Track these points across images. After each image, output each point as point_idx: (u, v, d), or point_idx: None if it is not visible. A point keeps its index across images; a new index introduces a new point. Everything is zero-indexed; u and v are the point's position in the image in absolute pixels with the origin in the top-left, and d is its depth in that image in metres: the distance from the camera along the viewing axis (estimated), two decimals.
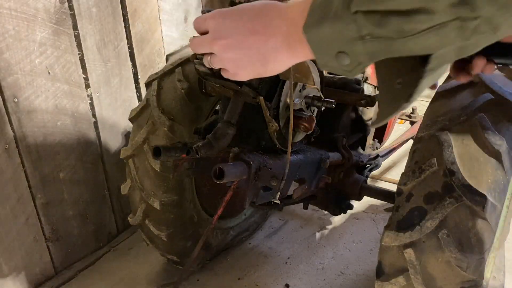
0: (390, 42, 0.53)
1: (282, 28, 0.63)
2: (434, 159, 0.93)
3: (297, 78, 0.97)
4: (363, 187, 1.43)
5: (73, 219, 1.65)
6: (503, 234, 1.34)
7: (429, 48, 0.53)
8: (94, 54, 1.56)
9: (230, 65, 0.71)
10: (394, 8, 0.50)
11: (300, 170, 1.12)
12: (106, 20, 1.57)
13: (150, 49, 1.77)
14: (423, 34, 0.50)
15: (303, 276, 1.60)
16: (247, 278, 1.60)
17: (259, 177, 0.94)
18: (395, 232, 0.94)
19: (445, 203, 0.89)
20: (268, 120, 0.98)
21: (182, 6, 1.86)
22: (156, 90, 1.31)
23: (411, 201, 0.94)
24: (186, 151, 1.03)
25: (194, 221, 1.46)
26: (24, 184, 1.45)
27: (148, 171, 1.31)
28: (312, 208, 1.86)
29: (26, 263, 1.52)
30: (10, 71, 1.32)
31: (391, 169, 2.26)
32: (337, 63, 0.57)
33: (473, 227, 0.89)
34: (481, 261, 0.91)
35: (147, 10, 1.71)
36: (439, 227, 0.89)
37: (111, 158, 1.73)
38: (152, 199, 1.32)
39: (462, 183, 0.88)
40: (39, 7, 1.35)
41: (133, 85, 1.76)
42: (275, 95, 1.04)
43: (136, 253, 1.76)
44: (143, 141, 1.30)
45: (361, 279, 1.58)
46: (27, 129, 1.41)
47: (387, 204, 1.68)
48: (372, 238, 1.78)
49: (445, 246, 0.88)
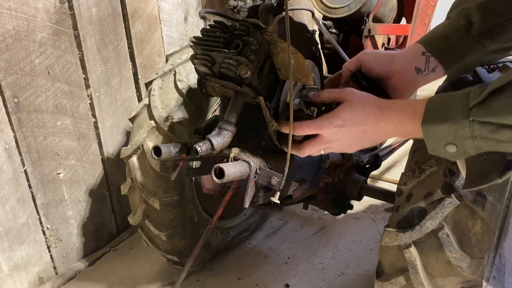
0: (498, 143, 0.68)
1: (389, 126, 0.82)
2: (434, 159, 0.93)
3: (297, 78, 0.96)
4: (363, 187, 1.43)
5: (73, 219, 1.65)
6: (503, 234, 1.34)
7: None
8: (94, 54, 1.56)
9: (340, 148, 0.92)
10: (509, 123, 0.65)
11: (300, 170, 1.12)
12: (106, 20, 1.57)
13: (150, 49, 1.77)
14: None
15: (303, 276, 1.60)
16: (247, 278, 1.60)
17: (259, 177, 0.93)
18: (395, 232, 0.94)
19: (445, 203, 0.89)
20: (268, 120, 0.98)
21: (182, 6, 1.86)
22: (156, 90, 1.31)
23: (411, 201, 0.94)
24: (186, 151, 1.03)
25: (194, 221, 1.46)
26: (24, 184, 1.45)
27: (148, 171, 1.31)
28: (312, 208, 1.86)
29: (26, 263, 1.52)
30: (10, 71, 1.32)
31: (391, 169, 2.26)
32: (444, 150, 0.73)
33: (473, 227, 0.89)
34: (481, 261, 0.91)
35: (147, 10, 1.71)
36: (439, 227, 0.89)
37: (111, 158, 1.73)
38: (152, 199, 1.32)
39: (462, 183, 0.88)
40: (39, 7, 1.35)
41: (133, 85, 1.76)
42: (275, 95, 1.04)
43: (136, 253, 1.76)
44: (143, 141, 1.30)
45: (361, 279, 1.57)
46: (27, 129, 1.41)
47: (387, 204, 1.69)
48: (372, 238, 1.78)
49: (445, 246, 0.88)
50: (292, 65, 0.88)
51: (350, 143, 0.89)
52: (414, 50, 0.95)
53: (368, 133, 0.86)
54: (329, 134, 0.88)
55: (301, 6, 1.31)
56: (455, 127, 0.70)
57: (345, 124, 0.86)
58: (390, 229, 0.95)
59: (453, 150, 0.72)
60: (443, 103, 0.73)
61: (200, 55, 0.96)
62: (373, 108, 0.85)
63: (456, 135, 0.70)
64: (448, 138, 0.71)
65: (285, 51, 0.88)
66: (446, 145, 0.72)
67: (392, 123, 0.82)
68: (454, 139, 0.71)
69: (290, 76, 0.88)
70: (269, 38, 0.91)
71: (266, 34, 0.91)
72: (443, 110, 0.72)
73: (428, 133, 0.74)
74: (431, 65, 0.94)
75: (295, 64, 0.90)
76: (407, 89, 0.99)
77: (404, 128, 0.80)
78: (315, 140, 0.91)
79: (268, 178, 0.94)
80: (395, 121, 0.81)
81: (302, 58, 0.91)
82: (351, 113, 0.86)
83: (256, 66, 0.92)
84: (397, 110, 0.81)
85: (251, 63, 0.90)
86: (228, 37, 0.93)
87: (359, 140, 0.88)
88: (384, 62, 0.98)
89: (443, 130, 0.71)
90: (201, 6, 1.96)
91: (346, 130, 0.86)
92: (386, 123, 0.83)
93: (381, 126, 0.83)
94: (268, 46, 0.93)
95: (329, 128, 0.87)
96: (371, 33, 1.44)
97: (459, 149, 0.71)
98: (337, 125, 0.86)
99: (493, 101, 0.67)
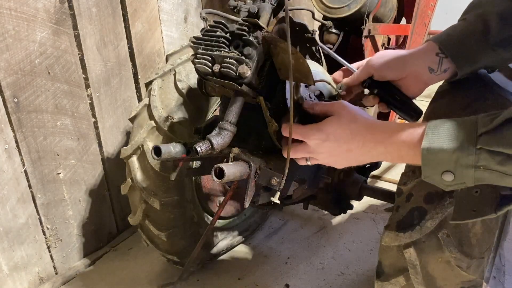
0: (502, 176, 0.63)
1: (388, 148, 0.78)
2: None
3: (297, 78, 0.96)
4: (363, 187, 1.43)
5: (73, 219, 1.65)
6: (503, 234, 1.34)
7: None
8: (94, 54, 1.56)
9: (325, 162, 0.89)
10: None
11: (300, 170, 1.12)
12: (106, 20, 1.57)
13: (150, 49, 1.77)
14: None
15: (303, 276, 1.60)
16: (247, 278, 1.60)
17: (259, 177, 0.93)
18: (395, 232, 0.94)
19: (445, 203, 0.89)
20: (268, 120, 0.98)
21: (182, 6, 1.86)
22: (156, 90, 1.31)
23: (411, 201, 0.94)
24: (186, 151, 1.03)
25: (194, 221, 1.46)
26: (24, 184, 1.45)
27: (148, 171, 1.31)
28: (312, 208, 1.86)
29: (26, 263, 1.52)
30: (10, 71, 1.32)
31: (391, 169, 2.26)
32: (440, 178, 0.69)
33: (473, 227, 0.89)
34: (481, 261, 0.91)
35: (147, 10, 1.71)
36: (439, 227, 0.89)
37: (111, 158, 1.73)
38: (152, 199, 1.32)
39: None
40: (39, 7, 1.35)
41: (133, 85, 1.76)
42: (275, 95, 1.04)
43: (136, 253, 1.76)
44: (143, 141, 1.30)
45: (361, 279, 1.58)
46: (27, 129, 1.41)
47: (387, 204, 1.69)
48: (372, 238, 1.78)
49: (445, 246, 0.88)
50: (292, 65, 0.88)
51: (334, 159, 0.86)
52: (428, 49, 0.94)
53: (353, 152, 0.82)
54: (313, 144, 0.86)
55: (301, 6, 1.31)
56: (458, 154, 0.65)
57: (327, 138, 0.84)
58: (390, 229, 0.95)
59: (449, 178, 0.68)
60: (447, 128, 0.69)
61: (200, 55, 0.96)
62: (361, 128, 0.81)
63: (457, 162, 0.66)
64: (447, 165, 0.67)
65: (285, 51, 0.88)
66: (443, 172, 0.68)
67: (382, 146, 0.78)
68: (454, 167, 0.66)
69: (290, 76, 0.88)
70: (269, 38, 0.91)
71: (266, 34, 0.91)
72: (447, 134, 0.68)
73: (428, 157, 0.69)
74: (444, 66, 0.93)
75: (295, 64, 0.90)
76: (419, 88, 0.99)
77: (396, 151, 0.76)
78: (300, 146, 0.89)
79: (268, 178, 0.94)
80: (386, 143, 0.78)
81: (302, 58, 0.91)
82: (336, 128, 0.83)
83: (256, 66, 0.92)
84: (390, 132, 0.77)
85: (251, 63, 0.90)
86: (228, 37, 0.93)
87: (344, 157, 0.85)
88: (396, 67, 0.97)
89: (444, 156, 0.67)
90: (201, 6, 1.96)
91: (330, 144, 0.84)
92: (375, 145, 0.79)
93: (369, 147, 0.80)
94: (268, 46, 0.93)
95: (312, 139, 0.85)
96: (371, 33, 1.44)
97: (457, 178, 0.67)
98: (320, 138, 0.84)
99: (507, 130, 0.63)
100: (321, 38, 1.53)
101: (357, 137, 0.81)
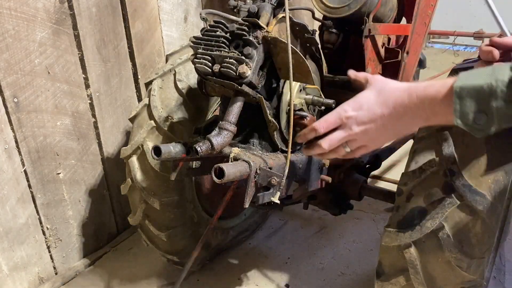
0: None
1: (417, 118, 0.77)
2: (434, 159, 0.93)
3: (297, 78, 0.96)
4: (363, 187, 1.43)
5: (73, 219, 1.65)
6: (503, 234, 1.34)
7: None
8: (94, 54, 1.56)
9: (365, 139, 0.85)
10: None
11: (300, 170, 1.12)
12: (106, 20, 1.57)
13: (150, 49, 1.77)
14: None
15: (303, 276, 1.60)
16: (247, 278, 1.60)
17: (259, 177, 0.93)
18: (395, 232, 0.94)
19: (445, 203, 0.89)
20: (268, 120, 0.98)
21: (182, 6, 1.86)
22: (156, 90, 1.31)
23: (411, 201, 0.94)
24: (186, 151, 1.03)
25: (194, 221, 1.46)
26: (24, 184, 1.45)
27: (148, 171, 1.31)
28: (312, 208, 1.86)
29: (26, 263, 1.52)
30: (10, 71, 1.32)
31: (391, 169, 2.26)
32: (472, 121, 0.69)
33: (473, 227, 0.88)
34: (481, 261, 0.91)
35: (147, 10, 1.71)
36: (439, 227, 0.89)
37: (111, 158, 1.73)
38: (152, 199, 1.32)
39: (462, 183, 0.88)
40: (39, 7, 1.35)
41: (133, 85, 1.76)
42: (275, 95, 1.04)
43: (136, 253, 1.76)
44: (143, 141, 1.30)
45: (361, 279, 1.57)
46: (27, 129, 1.41)
47: (387, 204, 1.68)
48: (372, 238, 1.78)
49: (445, 246, 0.88)
50: (292, 65, 0.88)
51: (373, 133, 0.83)
52: None
53: (387, 119, 0.80)
54: (349, 122, 0.83)
55: (301, 6, 1.31)
56: (491, 88, 0.66)
57: (361, 107, 0.82)
58: (390, 229, 0.95)
59: (482, 121, 0.68)
60: (480, 70, 0.70)
61: (200, 55, 0.96)
62: (392, 90, 0.80)
63: (490, 98, 0.66)
64: (480, 103, 0.67)
65: (285, 51, 0.88)
66: (475, 114, 0.68)
67: (414, 106, 0.76)
68: (487, 104, 0.66)
69: (290, 76, 0.88)
70: (269, 38, 0.91)
71: (266, 34, 0.91)
72: (480, 74, 0.69)
73: (461, 95, 0.69)
74: None
75: (295, 64, 0.90)
76: None
77: (430, 107, 0.75)
78: (334, 133, 0.85)
79: (268, 178, 0.94)
80: (418, 102, 0.76)
81: (302, 58, 0.91)
82: (368, 95, 0.82)
83: (256, 65, 0.92)
84: (422, 88, 0.76)
85: (251, 63, 0.90)
86: (228, 37, 0.93)
87: (381, 129, 0.82)
88: None
89: (477, 92, 0.67)
90: (201, 6, 1.96)
91: (364, 114, 0.81)
92: (408, 105, 0.77)
93: (400, 110, 0.78)
94: (268, 46, 0.93)
95: (346, 110, 0.83)
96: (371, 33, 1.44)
97: (489, 119, 0.67)
98: (353, 107, 0.82)
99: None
100: (321, 38, 1.53)
101: (388, 100, 0.80)
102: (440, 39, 4.35)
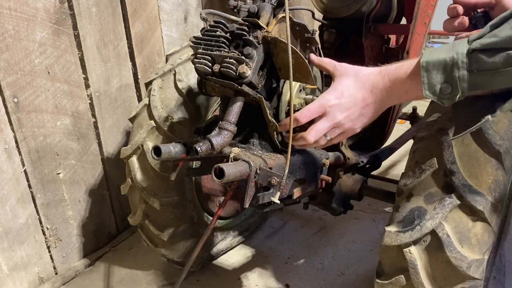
0: (493, 75, 0.70)
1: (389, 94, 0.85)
2: (434, 159, 0.93)
3: (297, 78, 0.96)
4: (363, 187, 1.43)
5: (73, 219, 1.65)
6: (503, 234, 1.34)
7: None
8: (94, 54, 1.56)
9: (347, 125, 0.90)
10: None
11: (300, 170, 1.12)
12: (106, 20, 1.57)
13: (150, 49, 1.77)
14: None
15: (303, 276, 1.60)
16: (247, 278, 1.60)
17: (259, 177, 0.93)
18: (395, 232, 0.94)
19: (445, 203, 0.89)
20: (268, 120, 0.98)
21: (182, 6, 1.86)
22: (156, 90, 1.31)
23: (411, 201, 0.94)
24: (186, 151, 1.03)
25: (194, 221, 1.46)
26: (24, 184, 1.45)
27: (148, 171, 1.31)
28: (312, 208, 1.86)
29: (26, 263, 1.52)
30: (10, 71, 1.32)
31: (391, 169, 2.26)
32: (439, 92, 0.76)
33: (473, 227, 0.88)
34: (481, 261, 0.91)
35: (147, 10, 1.71)
36: (439, 227, 0.89)
37: (111, 158, 1.73)
38: (152, 199, 1.32)
39: (462, 183, 0.88)
40: (39, 7, 1.35)
41: (133, 85, 1.76)
42: (275, 95, 1.04)
43: (136, 253, 1.76)
44: (143, 141, 1.30)
45: (361, 279, 1.57)
46: (27, 129, 1.41)
47: (387, 204, 1.68)
48: (372, 238, 1.78)
49: (445, 246, 0.88)
50: (292, 65, 0.88)
51: (355, 116, 0.89)
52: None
53: (368, 101, 0.87)
54: (331, 110, 0.88)
55: (301, 6, 1.31)
56: (453, 60, 0.73)
57: (342, 95, 0.88)
58: (390, 229, 0.95)
59: (448, 90, 0.75)
60: (442, 47, 0.77)
61: (200, 55, 0.96)
62: (367, 75, 0.87)
63: (453, 69, 0.73)
64: (445, 75, 0.74)
65: (285, 51, 0.88)
66: (441, 86, 0.75)
67: (389, 86, 0.84)
68: (450, 75, 0.74)
69: (290, 76, 0.88)
70: (269, 38, 0.91)
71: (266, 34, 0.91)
72: (442, 49, 0.76)
73: (427, 69, 0.76)
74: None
75: (295, 64, 0.90)
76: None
77: (402, 86, 0.82)
78: (319, 122, 0.90)
79: (268, 178, 0.93)
80: (391, 83, 0.83)
81: (302, 58, 0.91)
82: (346, 83, 0.88)
83: (256, 65, 0.92)
84: (392, 70, 0.84)
85: (251, 63, 0.90)
86: (228, 37, 0.93)
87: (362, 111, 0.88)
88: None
89: (441, 65, 0.74)
90: (201, 6, 1.96)
91: (346, 101, 0.88)
92: (383, 87, 0.84)
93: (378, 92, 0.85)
94: (268, 46, 0.93)
95: (329, 99, 0.88)
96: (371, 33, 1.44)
97: (454, 88, 0.74)
98: (336, 96, 0.88)
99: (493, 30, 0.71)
100: (321, 38, 1.53)
101: (366, 84, 0.86)
102: (440, 39, 4.35)
